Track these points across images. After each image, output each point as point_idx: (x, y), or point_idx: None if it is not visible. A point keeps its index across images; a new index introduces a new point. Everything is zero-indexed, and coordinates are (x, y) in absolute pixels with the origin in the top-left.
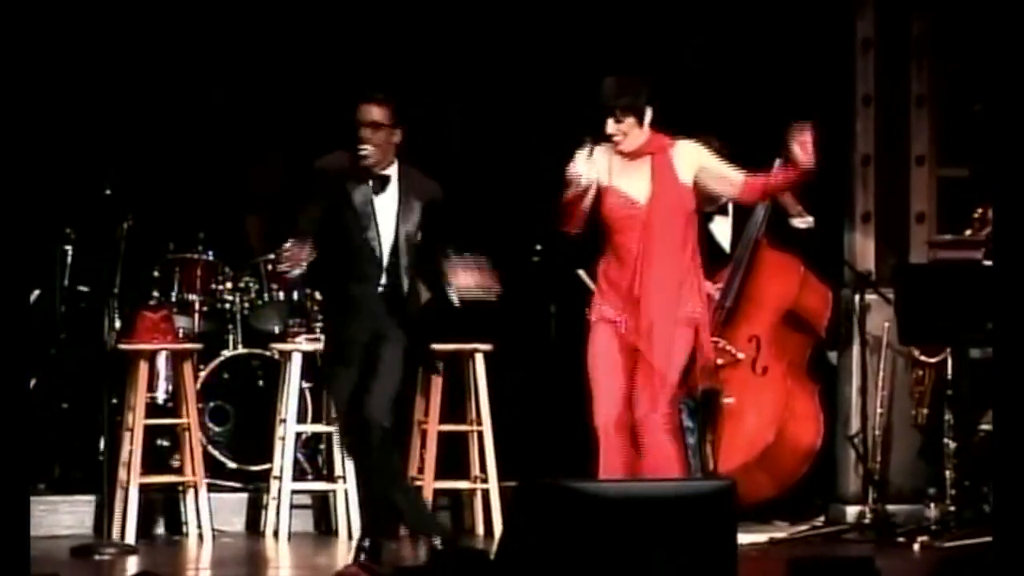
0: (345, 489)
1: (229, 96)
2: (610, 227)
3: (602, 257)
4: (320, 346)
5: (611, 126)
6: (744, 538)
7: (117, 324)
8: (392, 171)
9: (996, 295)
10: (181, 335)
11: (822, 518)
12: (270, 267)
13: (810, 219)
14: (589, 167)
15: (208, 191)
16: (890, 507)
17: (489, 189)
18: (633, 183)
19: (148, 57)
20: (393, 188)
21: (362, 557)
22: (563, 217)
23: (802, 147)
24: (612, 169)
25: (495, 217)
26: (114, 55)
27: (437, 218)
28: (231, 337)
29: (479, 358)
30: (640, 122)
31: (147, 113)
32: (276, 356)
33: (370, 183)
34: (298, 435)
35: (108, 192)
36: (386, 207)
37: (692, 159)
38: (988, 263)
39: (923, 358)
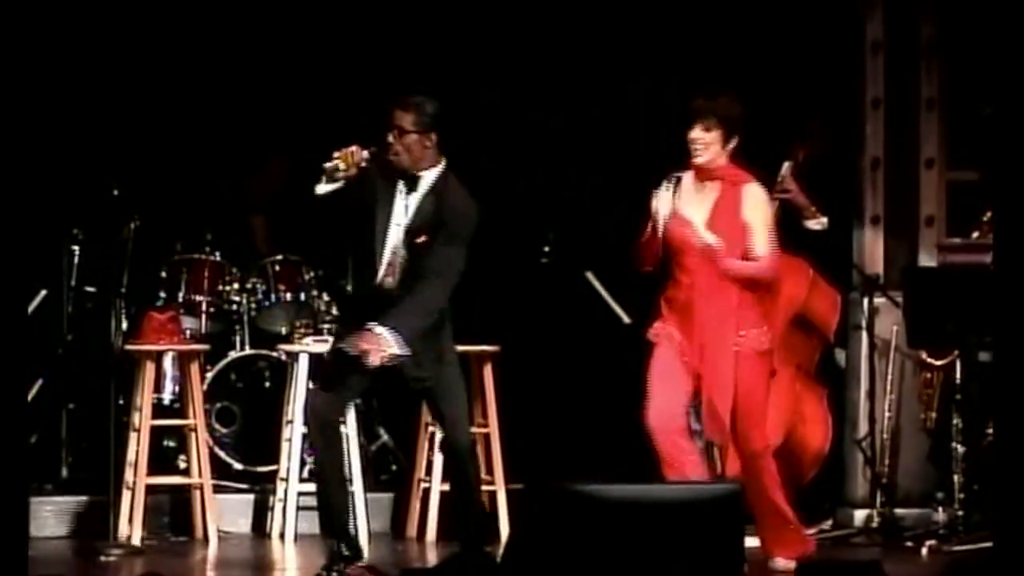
0: (352, 492)
1: (236, 97)
2: (672, 251)
3: (667, 282)
4: (326, 347)
5: (696, 130)
6: (752, 541)
7: (124, 325)
8: (428, 174)
9: (997, 299)
10: (188, 336)
11: (830, 521)
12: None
13: (824, 220)
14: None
15: (215, 192)
16: (898, 511)
17: (498, 190)
18: (696, 209)
19: (155, 58)
20: (421, 191)
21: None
22: (639, 256)
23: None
24: (680, 195)
25: (504, 219)
26: (121, 56)
27: (438, 240)
28: (238, 338)
29: (487, 360)
30: (725, 142)
31: (154, 114)
32: (283, 357)
33: (400, 183)
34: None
35: (115, 193)
36: (406, 208)
37: (751, 205)
38: None
39: (932, 361)
